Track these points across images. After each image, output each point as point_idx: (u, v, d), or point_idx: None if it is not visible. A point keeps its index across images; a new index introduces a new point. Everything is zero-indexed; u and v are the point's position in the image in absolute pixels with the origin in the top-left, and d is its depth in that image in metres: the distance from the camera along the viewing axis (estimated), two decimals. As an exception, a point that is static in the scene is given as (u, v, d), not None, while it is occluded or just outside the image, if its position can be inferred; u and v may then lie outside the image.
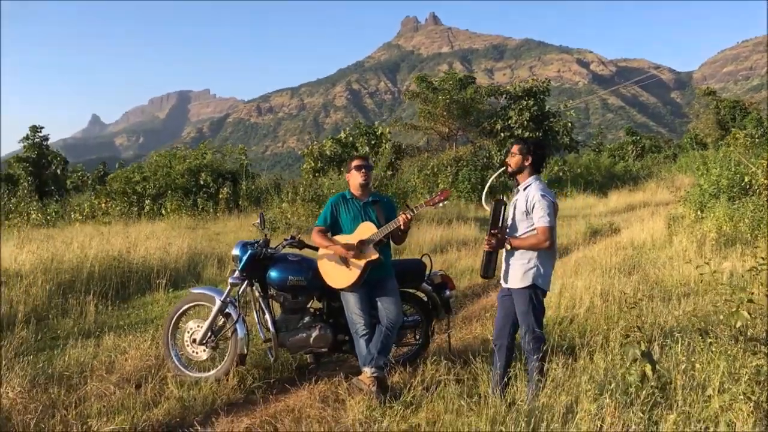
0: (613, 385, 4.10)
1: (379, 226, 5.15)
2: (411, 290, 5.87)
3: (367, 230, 5.17)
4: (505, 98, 34.56)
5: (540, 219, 4.55)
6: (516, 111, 32.50)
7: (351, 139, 33.43)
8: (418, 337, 5.91)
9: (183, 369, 5.41)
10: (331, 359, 5.92)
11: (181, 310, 5.59)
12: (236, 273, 5.41)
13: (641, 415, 3.72)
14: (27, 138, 38.58)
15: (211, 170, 25.12)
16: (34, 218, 24.57)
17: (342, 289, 5.20)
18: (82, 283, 8.55)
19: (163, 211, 22.34)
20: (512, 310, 4.74)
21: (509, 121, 32.62)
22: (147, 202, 23.99)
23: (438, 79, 34.40)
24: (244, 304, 5.68)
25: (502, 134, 32.53)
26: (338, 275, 5.18)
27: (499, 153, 31.08)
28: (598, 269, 9.37)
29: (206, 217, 20.95)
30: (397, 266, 5.57)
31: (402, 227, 5.08)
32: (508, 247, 4.66)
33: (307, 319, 5.49)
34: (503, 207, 4.71)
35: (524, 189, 4.73)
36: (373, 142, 32.10)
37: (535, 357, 4.56)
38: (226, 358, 5.35)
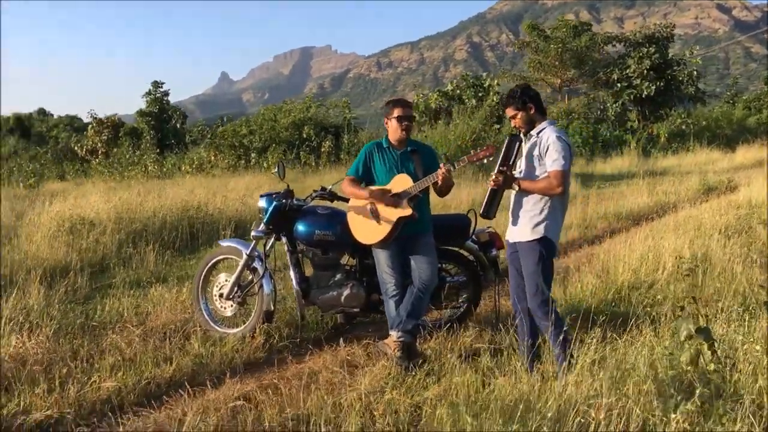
0: (662, 368, 3.49)
1: (416, 179, 4.66)
2: (455, 249, 5.36)
3: (402, 183, 4.68)
4: (624, 46, 32.24)
5: (554, 162, 4.04)
6: (635, 59, 30.18)
7: (458, 91, 32.45)
8: (463, 299, 5.42)
9: (211, 323, 5.22)
10: (365, 320, 5.53)
11: (211, 263, 5.39)
12: (261, 226, 5.10)
13: (689, 407, 3.09)
14: (149, 93, 40.24)
15: (314, 124, 25.16)
16: (151, 170, 25.75)
17: (372, 245, 4.78)
18: (151, 233, 8.62)
19: (265, 164, 22.64)
20: None
21: (627, 71, 30.40)
22: (253, 155, 24.43)
23: (550, 27, 32.52)
24: (274, 258, 5.37)
25: (618, 85, 30.38)
26: (367, 230, 4.75)
27: (614, 105, 29.18)
28: (699, 229, 8.42)
29: (308, 171, 21.01)
30: (438, 222, 5.06)
31: (440, 182, 4.56)
32: (516, 188, 4.17)
33: (338, 276, 5.13)
34: (518, 144, 4.21)
35: (538, 133, 4.20)
36: (480, 94, 30.95)
37: (546, 323, 4.07)
38: (252, 315, 5.10)
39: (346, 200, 5.04)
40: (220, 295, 5.20)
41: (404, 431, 3.45)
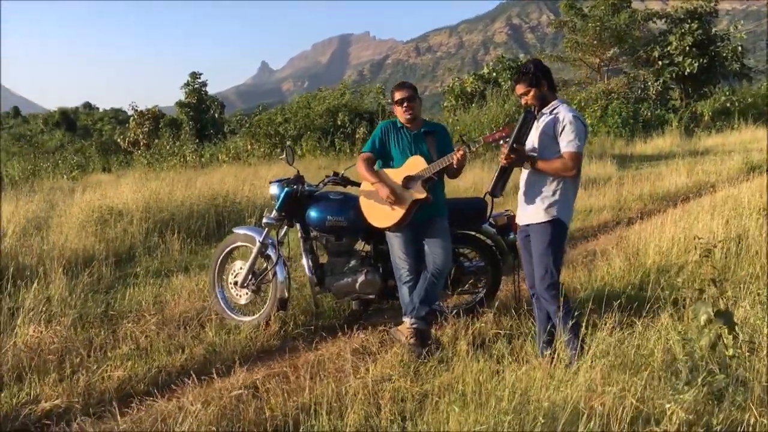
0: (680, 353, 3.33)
1: (430, 161, 4.53)
2: (473, 233, 5.23)
3: (415, 165, 4.56)
4: (665, 22, 31.28)
5: (569, 143, 3.89)
6: (677, 36, 29.27)
7: (494, 74, 31.98)
8: (482, 284, 5.29)
9: (228, 311, 5.20)
10: (383, 306, 5.44)
11: (226, 251, 5.36)
12: (273, 213, 5.05)
13: (688, 396, 2.93)
14: (187, 84, 40.69)
15: (348, 110, 25.09)
16: (189, 160, 26.07)
17: (386, 230, 4.68)
18: (178, 222, 8.66)
19: (299, 151, 22.68)
20: None
21: (668, 48, 29.52)
22: (288, 142, 24.49)
23: (588, 5, 31.70)
24: (288, 245, 5.31)
25: (659, 62, 29.51)
26: (380, 214, 4.65)
27: (656, 83, 28.34)
28: (737, 209, 8.10)
29: (342, 158, 20.97)
30: (453, 206, 4.94)
31: (455, 165, 4.43)
32: (528, 167, 4.02)
33: (353, 262, 5.04)
34: (533, 120, 4.04)
35: (551, 112, 4.03)
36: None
37: (553, 307, 3.92)
38: (267, 303, 5.06)
39: (359, 185, 4.94)
40: (235, 283, 5.17)
41: (409, 420, 3.36)
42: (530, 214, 4.06)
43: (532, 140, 4.08)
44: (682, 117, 26.53)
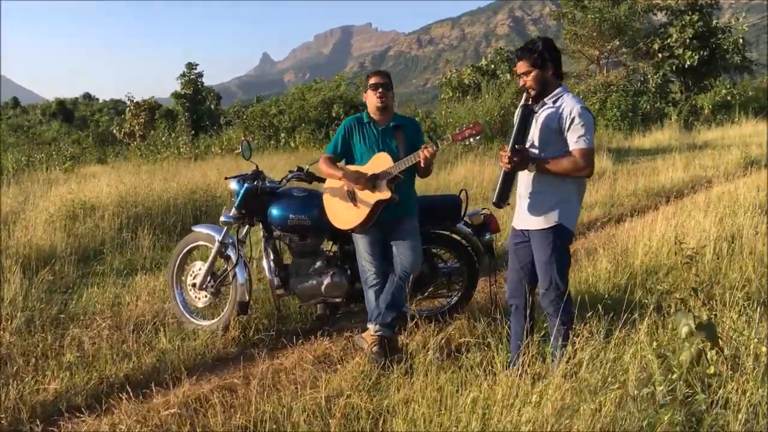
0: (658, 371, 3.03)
1: (398, 158, 4.21)
2: (447, 233, 4.91)
3: (381, 162, 4.24)
4: (665, 14, 30.82)
5: (580, 139, 3.44)
6: (677, 28, 28.83)
7: (492, 66, 31.57)
8: (457, 287, 4.98)
9: (186, 314, 4.89)
10: (354, 310, 5.13)
11: (185, 250, 5.04)
12: (232, 211, 4.73)
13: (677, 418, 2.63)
14: (183, 75, 40.26)
15: (344, 102, 24.73)
16: (183, 152, 25.72)
17: (351, 231, 4.37)
18: (154, 217, 8.35)
19: (292, 144, 22.35)
20: (529, 260, 3.68)
21: (669, 40, 29.07)
22: (282, 135, 24.14)
23: (589, -3, 31.23)
24: (250, 245, 4.99)
25: (660, 55, 29.05)
26: (343, 213, 4.34)
27: (655, 76, 27.91)
28: (733, 206, 7.79)
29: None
30: (425, 204, 4.62)
31: (422, 163, 4.11)
32: (533, 169, 3.56)
33: (319, 263, 4.73)
34: (533, 115, 3.59)
35: (553, 102, 3.57)
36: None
37: (560, 320, 3.52)
38: (226, 306, 4.75)
39: (324, 181, 4.63)
40: (193, 285, 4.85)
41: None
42: (529, 219, 3.65)
43: (532, 136, 3.64)
44: (682, 110, 26.17)
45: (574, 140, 3.47)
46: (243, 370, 4.05)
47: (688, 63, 28.68)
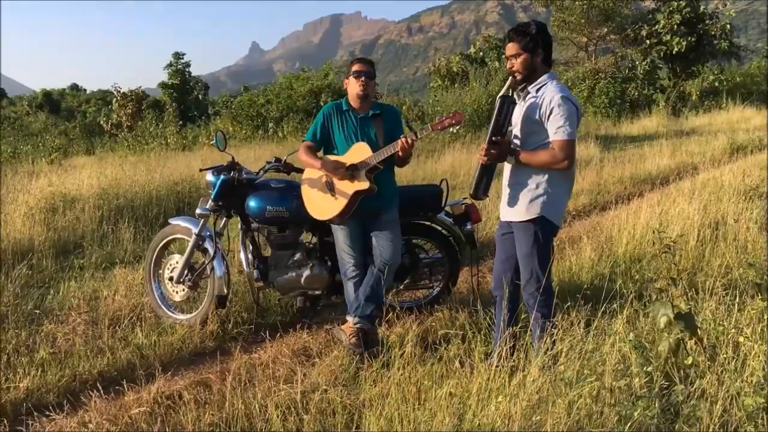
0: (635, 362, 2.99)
1: (377, 147, 4.14)
2: (428, 223, 4.85)
3: (360, 152, 4.17)
4: (653, 0, 30.70)
5: (558, 130, 3.33)
6: (665, 14, 28.72)
7: (481, 54, 31.45)
8: (438, 279, 4.92)
9: (164, 308, 4.81)
10: (336, 302, 5.05)
11: (162, 243, 4.95)
12: (209, 203, 4.65)
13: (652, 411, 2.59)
14: (170, 65, 39.95)
15: (332, 91, 24.59)
16: (170, 143, 25.52)
17: (329, 221, 4.30)
18: (136, 209, 8.24)
19: (280, 134, 22.22)
20: (514, 251, 3.62)
21: (656, 26, 28.98)
22: (270, 125, 23.99)
23: (576, -17, 31.10)
24: (228, 238, 4.91)
25: (647, 41, 28.92)
26: (321, 204, 4.27)
27: (643, 62, 27.82)
28: (718, 192, 7.76)
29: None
30: (405, 194, 4.55)
31: (400, 153, 4.04)
32: (512, 161, 3.49)
33: (298, 255, 4.66)
34: (511, 107, 3.49)
35: (537, 90, 3.48)
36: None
37: (540, 313, 3.47)
38: (204, 300, 4.68)
39: (302, 172, 4.55)
40: (170, 279, 4.77)
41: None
42: (511, 210, 3.57)
43: (514, 126, 3.57)
44: (670, 97, 26.15)
45: (553, 131, 3.37)
46: (219, 365, 3.99)
47: (675, 49, 28.59)
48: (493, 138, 3.45)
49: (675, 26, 28.45)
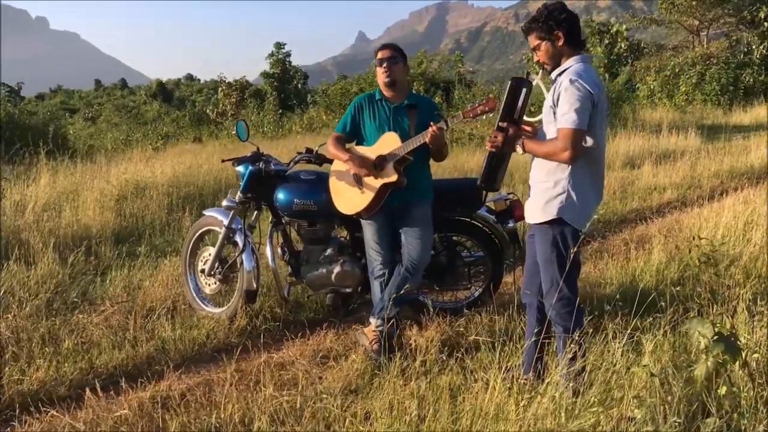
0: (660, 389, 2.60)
1: (408, 138, 3.87)
2: (469, 219, 4.51)
3: (389, 143, 3.92)
4: (775, -22, 28.36)
5: (562, 117, 2.97)
6: (787, -6, 26.53)
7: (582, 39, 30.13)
8: (480, 279, 4.58)
9: (198, 301, 4.73)
10: (367, 301, 4.81)
11: (197, 234, 4.87)
12: (238, 195, 4.51)
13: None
14: (272, 55, 40.81)
15: (425, 79, 24.29)
16: (267, 131, 26.09)
17: (357, 216, 4.07)
18: (204, 197, 8.31)
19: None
20: None
21: (777, 7, 26.78)
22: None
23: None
24: (260, 231, 4.75)
25: (766, 24, 26.83)
26: (348, 198, 4.05)
27: (761, 46, 25.76)
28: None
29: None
30: (441, 188, 4.25)
31: (428, 141, 3.75)
32: (520, 151, 3.15)
33: (329, 251, 4.44)
34: (524, 90, 3.16)
35: (558, 75, 3.12)
36: (607, 41, 28.46)
37: (562, 327, 3.09)
38: (234, 295, 4.55)
39: (335, 163, 4.33)
40: (202, 271, 4.68)
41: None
42: (530, 210, 3.25)
43: (542, 115, 3.26)
44: (789, 83, 24.16)
45: (559, 118, 3.01)
46: (234, 364, 3.83)
47: (798, 32, 26.36)
48: (501, 124, 3.15)
49: (799, 6, 26.20)
